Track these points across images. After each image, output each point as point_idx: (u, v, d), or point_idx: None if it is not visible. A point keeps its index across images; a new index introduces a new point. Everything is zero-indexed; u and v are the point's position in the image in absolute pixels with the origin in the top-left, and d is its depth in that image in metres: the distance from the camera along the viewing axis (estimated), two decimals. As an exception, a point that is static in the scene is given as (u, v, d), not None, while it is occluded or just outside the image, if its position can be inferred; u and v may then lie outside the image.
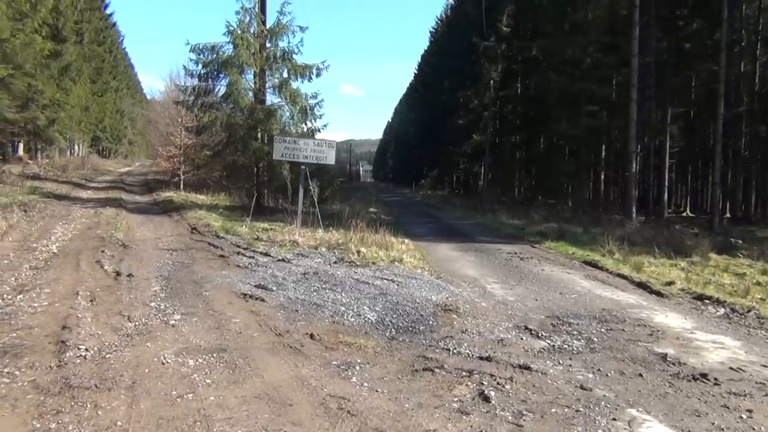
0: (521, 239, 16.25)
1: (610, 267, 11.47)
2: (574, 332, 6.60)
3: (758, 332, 6.93)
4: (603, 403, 4.53)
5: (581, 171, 29.25)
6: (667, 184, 26.56)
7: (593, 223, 19.89)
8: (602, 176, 30.61)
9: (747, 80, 25.84)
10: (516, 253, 13.21)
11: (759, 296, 9.13)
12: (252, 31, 18.53)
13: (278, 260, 10.23)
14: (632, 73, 21.78)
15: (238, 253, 10.82)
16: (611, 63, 24.33)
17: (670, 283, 9.84)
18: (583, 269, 11.49)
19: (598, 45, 24.61)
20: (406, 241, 13.64)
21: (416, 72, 74.58)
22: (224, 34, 17.84)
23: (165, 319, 6.26)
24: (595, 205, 28.39)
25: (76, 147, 51.06)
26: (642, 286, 9.71)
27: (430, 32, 64.91)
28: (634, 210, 22.39)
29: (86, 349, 5.11)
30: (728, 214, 26.83)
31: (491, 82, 32.28)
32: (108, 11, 58.01)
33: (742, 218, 25.82)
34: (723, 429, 4.19)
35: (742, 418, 4.37)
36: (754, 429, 4.22)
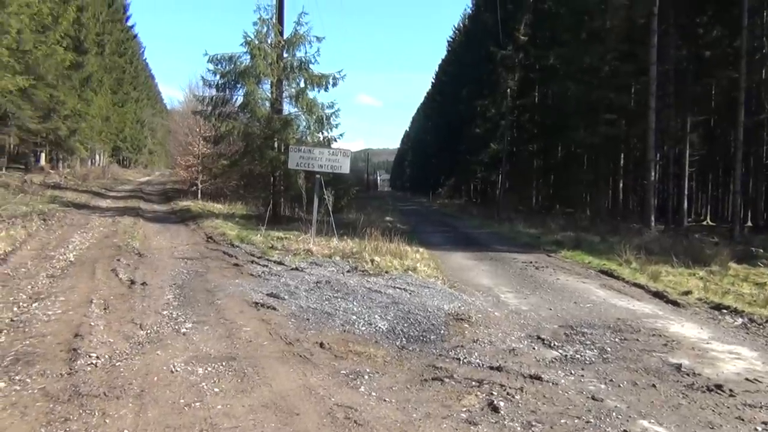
0: (537, 248, 16.14)
1: (627, 276, 11.33)
2: (588, 342, 6.52)
3: (777, 343, 6.79)
4: (614, 414, 4.45)
5: (599, 179, 29.01)
6: (686, 192, 26.21)
7: (611, 232, 19.69)
8: (621, 185, 30.34)
9: (768, 87, 25.44)
10: (531, 262, 13.11)
11: (779, 306, 8.94)
12: (269, 41, 18.70)
13: (291, 269, 10.24)
14: (651, 82, 21.57)
15: (252, 262, 10.86)
16: (629, 71, 24.12)
17: (688, 293, 9.69)
18: (598, 278, 11.36)
19: (616, 53, 24.42)
20: (421, 250, 13.60)
21: (434, 81, 74.74)
22: (242, 44, 18.05)
23: (176, 327, 6.29)
24: (614, 213, 28.12)
25: (97, 157, 51.84)
26: (658, 295, 9.56)
27: (448, 42, 65.03)
28: (653, 219, 22.11)
29: (97, 357, 5.16)
30: (749, 223, 26.35)
31: (508, 90, 32.23)
32: (129, 23, 59.04)
33: (764, 227, 25.30)
34: (737, 442, 4.10)
35: (757, 430, 4.28)
36: (769, 442, 4.12)
